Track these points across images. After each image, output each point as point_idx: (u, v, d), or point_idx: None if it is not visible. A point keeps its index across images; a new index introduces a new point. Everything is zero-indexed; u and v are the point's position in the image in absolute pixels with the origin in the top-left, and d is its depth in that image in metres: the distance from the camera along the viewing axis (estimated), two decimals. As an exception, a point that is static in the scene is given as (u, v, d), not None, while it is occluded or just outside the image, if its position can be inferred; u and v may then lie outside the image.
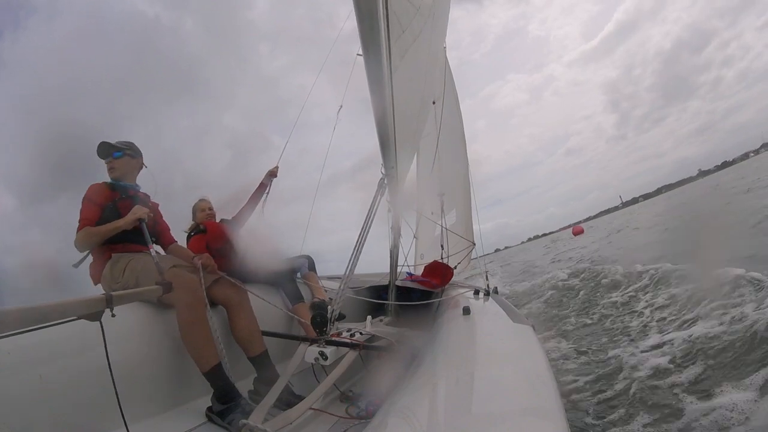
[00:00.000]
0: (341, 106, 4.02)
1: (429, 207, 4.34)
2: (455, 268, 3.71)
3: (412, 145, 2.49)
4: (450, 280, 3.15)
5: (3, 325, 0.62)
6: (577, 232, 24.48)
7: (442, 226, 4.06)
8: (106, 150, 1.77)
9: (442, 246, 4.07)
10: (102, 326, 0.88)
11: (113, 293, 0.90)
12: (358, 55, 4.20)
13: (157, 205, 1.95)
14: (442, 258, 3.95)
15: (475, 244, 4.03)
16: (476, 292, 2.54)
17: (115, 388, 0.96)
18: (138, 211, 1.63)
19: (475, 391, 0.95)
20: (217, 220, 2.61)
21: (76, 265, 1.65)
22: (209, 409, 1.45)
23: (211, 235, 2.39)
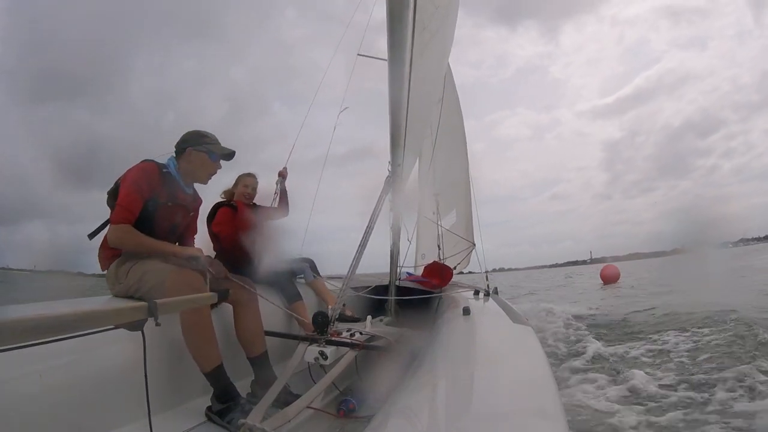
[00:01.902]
0: (345, 107, 4.01)
1: (430, 207, 4.34)
2: (455, 268, 3.71)
3: (418, 143, 2.49)
4: (450, 280, 3.16)
5: (36, 333, 0.59)
6: (610, 278, 13.51)
7: (438, 226, 4.06)
8: (231, 158, 1.67)
9: (439, 246, 4.08)
10: (144, 336, 0.84)
11: (157, 301, 0.82)
12: (359, 55, 4.21)
13: (201, 203, 1.84)
14: (440, 258, 3.95)
15: (475, 245, 4.04)
16: (476, 292, 2.54)
17: (147, 393, 0.93)
18: (196, 252, 1.58)
19: (475, 391, 0.95)
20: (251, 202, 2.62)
21: (92, 237, 1.57)
22: (209, 408, 1.45)
23: (239, 218, 2.39)
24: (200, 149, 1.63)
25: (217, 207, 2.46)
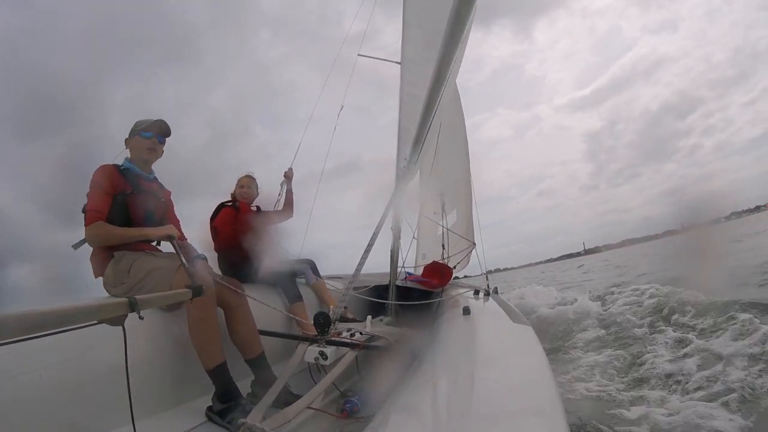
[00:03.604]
0: (342, 107, 4.06)
1: (431, 207, 4.34)
2: (455, 268, 3.71)
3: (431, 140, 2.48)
4: (450, 279, 3.16)
5: (19, 329, 0.61)
6: None
7: (443, 227, 4.06)
8: (166, 130, 1.72)
9: (443, 246, 4.07)
10: (125, 330, 0.86)
11: (137, 297, 0.85)
12: (359, 55, 4.22)
13: (170, 193, 1.89)
14: (442, 258, 3.95)
15: (475, 245, 4.03)
16: (476, 292, 2.54)
17: (129, 389, 0.94)
18: (170, 231, 1.64)
19: (475, 391, 0.95)
20: (254, 205, 2.67)
21: (76, 247, 1.60)
22: (209, 408, 1.45)
23: (240, 218, 2.43)
24: (133, 135, 1.74)
25: (221, 206, 2.50)
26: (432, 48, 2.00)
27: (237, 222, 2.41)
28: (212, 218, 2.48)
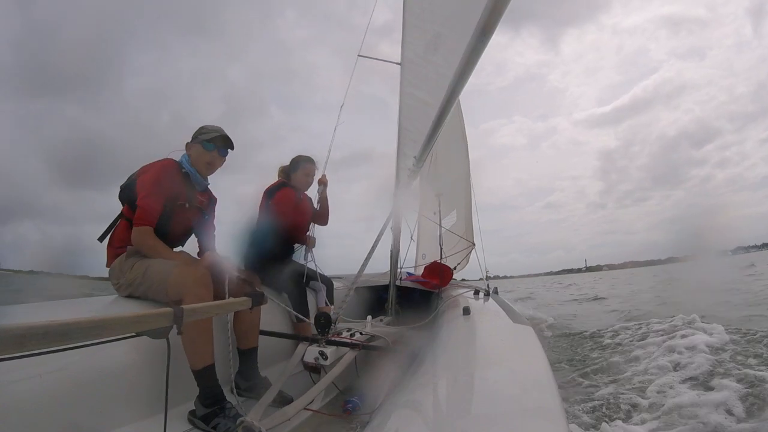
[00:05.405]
0: (341, 105, 4.07)
1: (431, 207, 4.34)
2: (455, 268, 3.71)
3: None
4: (450, 280, 3.16)
5: (57, 339, 0.59)
6: None
7: (440, 227, 4.06)
8: (229, 145, 1.67)
9: (440, 246, 4.07)
10: (169, 343, 0.81)
11: (184, 306, 0.79)
12: (359, 56, 4.22)
13: (216, 201, 1.82)
14: (441, 258, 3.95)
15: (474, 245, 4.03)
16: (476, 293, 2.54)
17: (166, 400, 0.90)
18: (213, 257, 1.59)
19: (475, 391, 0.95)
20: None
21: (101, 239, 1.59)
22: (192, 413, 1.38)
23: (302, 206, 2.36)
24: (196, 142, 1.67)
25: (280, 185, 2.36)
26: (432, 49, 2.01)
27: (297, 206, 2.31)
28: (269, 194, 2.32)
